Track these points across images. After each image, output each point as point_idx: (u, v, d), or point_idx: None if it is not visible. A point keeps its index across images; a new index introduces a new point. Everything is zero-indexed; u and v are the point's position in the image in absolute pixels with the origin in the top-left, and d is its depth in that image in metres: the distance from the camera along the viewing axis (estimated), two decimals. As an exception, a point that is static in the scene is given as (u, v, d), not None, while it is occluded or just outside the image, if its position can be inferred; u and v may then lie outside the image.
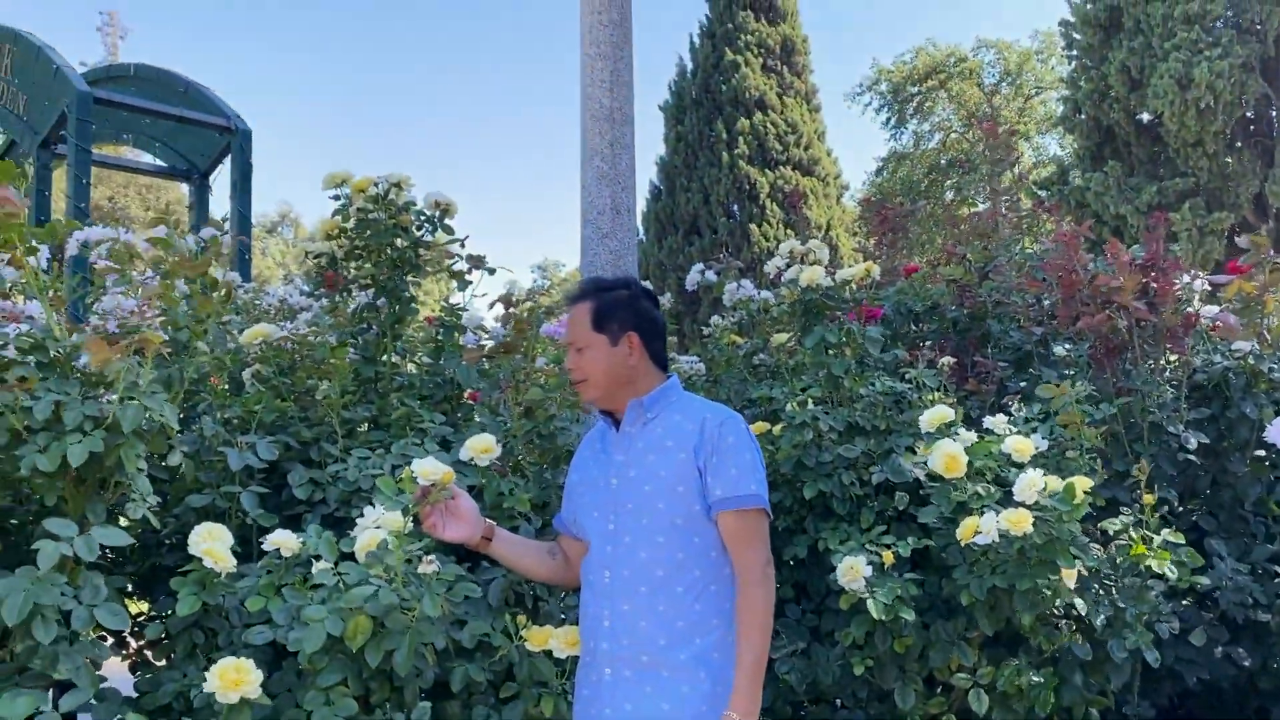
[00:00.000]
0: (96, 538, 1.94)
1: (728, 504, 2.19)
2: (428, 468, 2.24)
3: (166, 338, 2.51)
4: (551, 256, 51.53)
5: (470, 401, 3.31)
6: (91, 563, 1.93)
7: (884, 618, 2.73)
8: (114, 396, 2.06)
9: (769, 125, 16.91)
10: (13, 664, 1.94)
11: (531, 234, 68.49)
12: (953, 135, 27.95)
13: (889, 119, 28.41)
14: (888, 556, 2.84)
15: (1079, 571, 2.82)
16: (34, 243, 2.22)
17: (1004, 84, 28.10)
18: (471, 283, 3.35)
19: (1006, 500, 2.81)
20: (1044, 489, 2.73)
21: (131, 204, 27.37)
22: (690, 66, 17.96)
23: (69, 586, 1.92)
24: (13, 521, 2.27)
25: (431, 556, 2.20)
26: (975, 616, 2.85)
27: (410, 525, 2.23)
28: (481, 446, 2.66)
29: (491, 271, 3.39)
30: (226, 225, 2.99)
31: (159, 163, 8.85)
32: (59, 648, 1.89)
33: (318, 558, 2.27)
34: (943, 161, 27.27)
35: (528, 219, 69.34)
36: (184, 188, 9.29)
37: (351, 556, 2.27)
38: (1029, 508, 2.69)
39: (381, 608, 2.12)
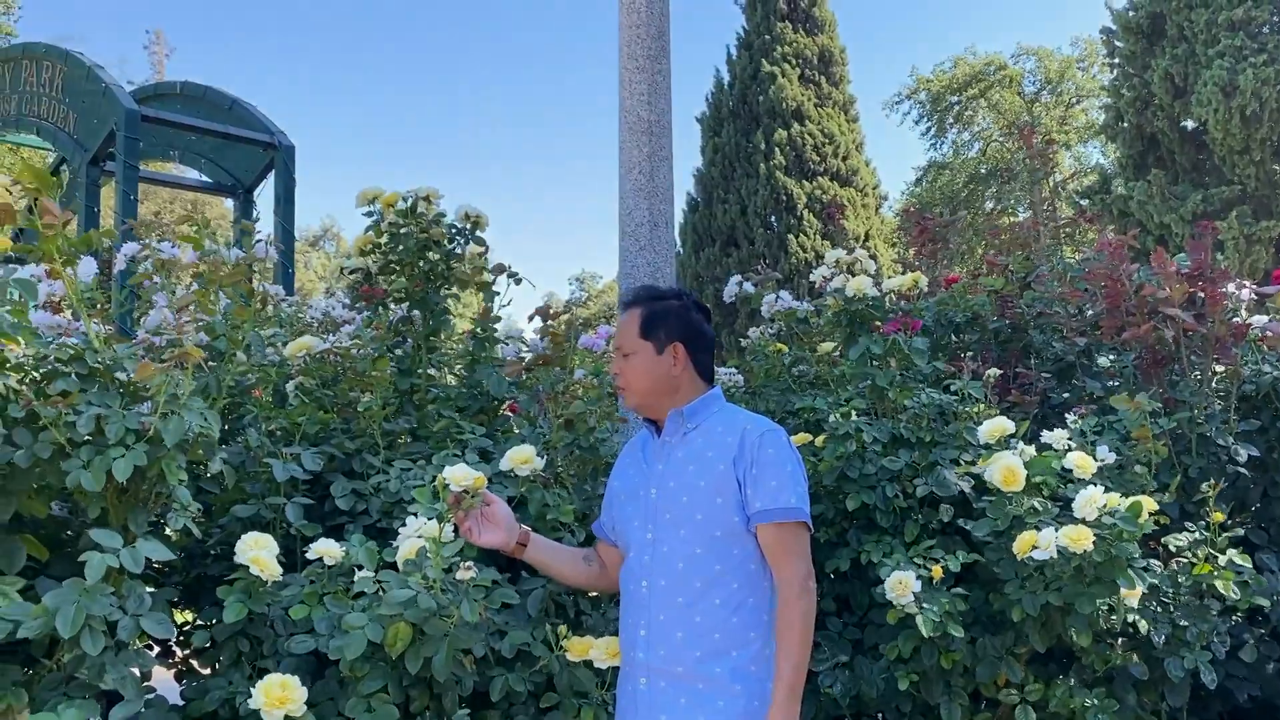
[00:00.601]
0: (142, 550, 1.96)
1: (767, 516, 2.17)
2: (459, 474, 2.25)
3: (205, 343, 2.54)
4: (589, 269, 51.72)
5: (509, 413, 3.33)
6: (136, 573, 1.95)
7: (933, 634, 2.69)
8: (155, 408, 2.08)
9: (806, 136, 16.87)
10: (60, 673, 1.96)
11: (570, 246, 68.79)
12: (993, 144, 27.73)
13: (928, 128, 28.26)
14: (936, 571, 2.80)
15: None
16: (71, 253, 2.25)
17: (1045, 92, 27.85)
18: (499, 293, 3.37)
19: (1064, 516, 2.76)
20: (1104, 505, 2.68)
21: (178, 218, 27.82)
22: (727, 78, 17.97)
23: (115, 597, 1.95)
24: (68, 532, 2.30)
25: (469, 563, 2.21)
26: (1025, 632, 2.81)
27: (451, 534, 2.24)
28: (521, 457, 2.66)
29: (518, 281, 3.41)
30: (260, 231, 3.01)
31: (204, 178, 9.00)
32: (105, 658, 1.91)
33: (360, 567, 2.29)
34: (983, 171, 27.06)
35: (566, 231, 69.67)
36: (228, 203, 9.43)
37: (394, 566, 2.28)
38: (1088, 524, 2.65)
39: (420, 613, 2.14)
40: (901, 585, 2.71)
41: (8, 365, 2.01)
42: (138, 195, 6.75)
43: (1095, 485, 2.74)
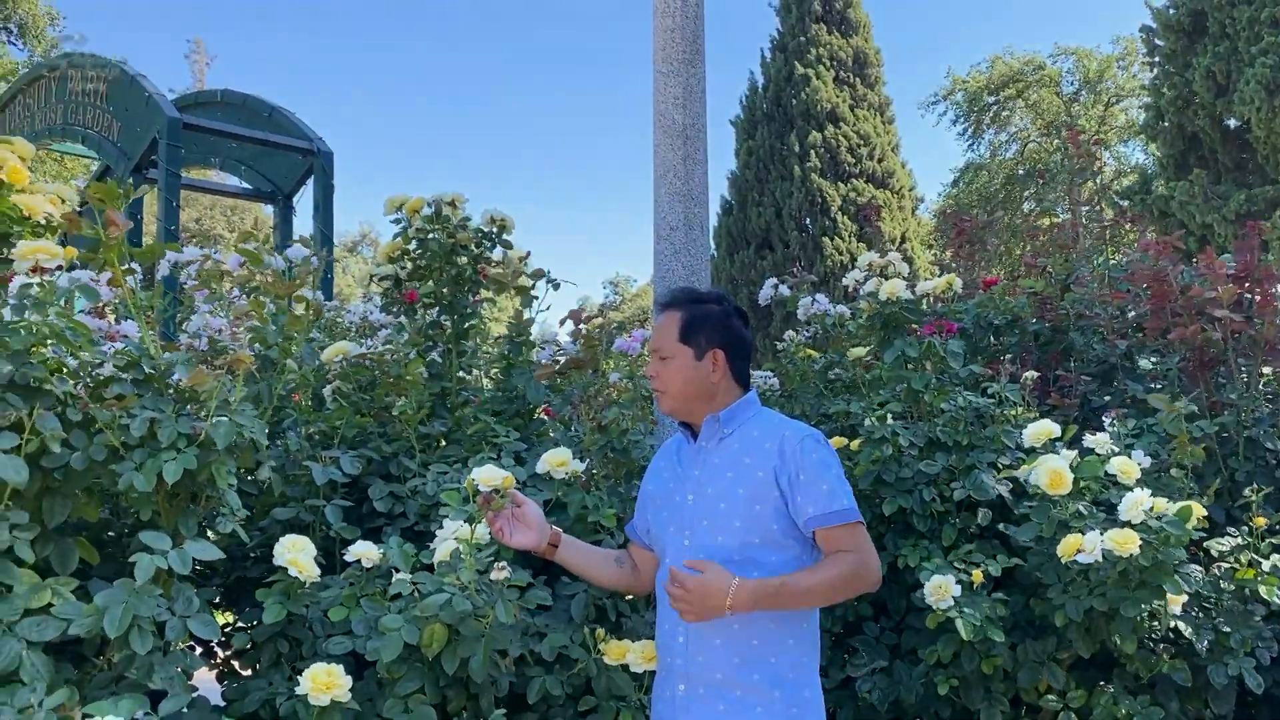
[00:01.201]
0: (190, 552, 1.99)
1: (825, 521, 2.15)
2: (487, 474, 2.26)
3: (256, 354, 2.58)
4: (623, 272, 51.75)
5: (543, 417, 3.34)
6: (184, 575, 1.99)
7: (973, 638, 2.67)
8: (205, 413, 2.12)
9: (841, 138, 16.80)
10: (110, 673, 2.00)
11: (604, 249, 68.91)
12: (1030, 145, 27.46)
13: (965, 129, 28.02)
14: (977, 576, 2.78)
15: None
16: (132, 263, 2.30)
17: (1083, 92, 27.53)
18: (537, 298, 3.39)
19: (1111, 521, 2.73)
20: (1150, 509, 2.65)
21: (218, 224, 28.24)
22: (761, 81, 17.95)
23: (163, 598, 1.98)
24: (109, 533, 2.34)
25: (503, 563, 2.22)
26: (1067, 637, 2.78)
27: (486, 536, 2.26)
28: (558, 460, 2.68)
29: (556, 286, 3.42)
30: (310, 240, 3.08)
31: (245, 185, 9.11)
32: (154, 658, 1.94)
33: (397, 569, 2.31)
34: (1020, 172, 26.80)
35: (600, 234, 69.80)
36: (268, 209, 9.54)
37: (431, 568, 2.30)
38: (1134, 528, 2.61)
39: (456, 615, 2.15)
40: (941, 589, 2.70)
41: (66, 370, 2.06)
42: (179, 202, 6.86)
43: (1142, 489, 2.70)
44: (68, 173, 17.71)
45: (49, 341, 2.00)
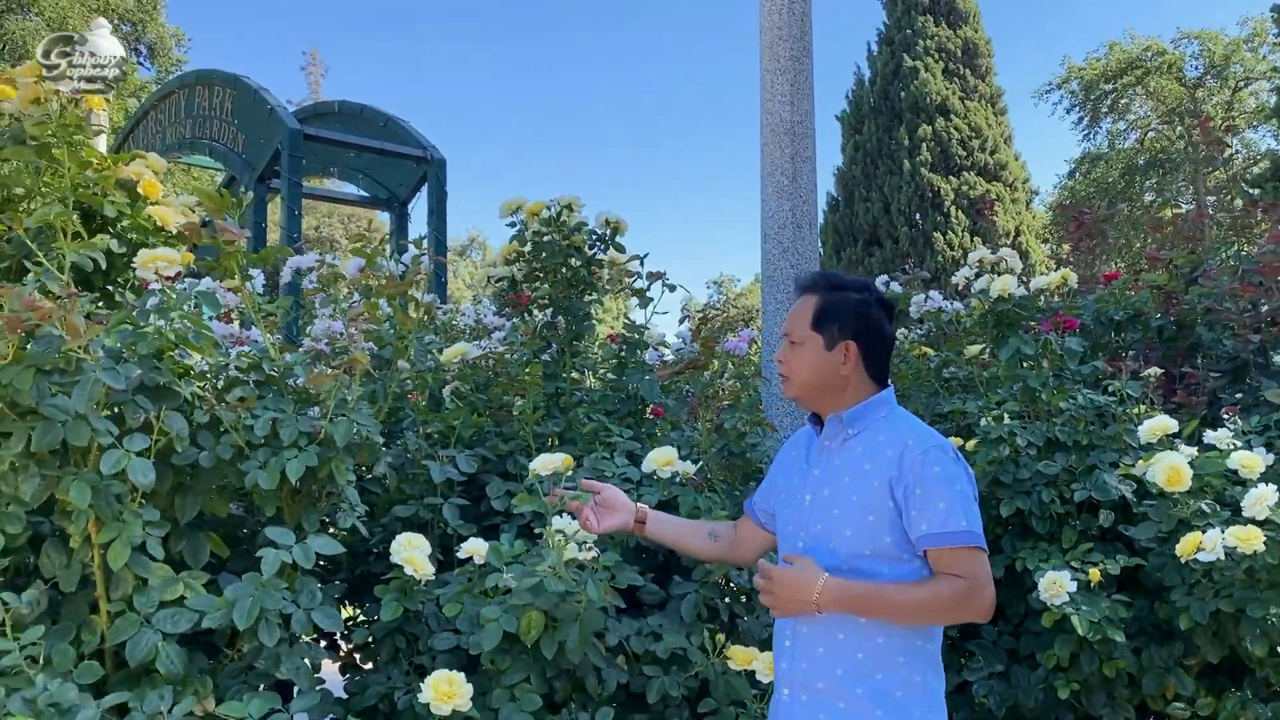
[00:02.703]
0: (312, 547, 2.06)
1: (936, 541, 2.00)
2: (545, 461, 2.30)
3: (372, 353, 2.65)
4: (727, 272, 51.63)
5: (653, 417, 3.36)
6: (308, 569, 2.06)
7: (1090, 636, 2.58)
8: (324, 413, 2.19)
9: (952, 131, 16.46)
10: (240, 663, 2.09)
11: (707, 249, 68.87)
12: (1150, 134, 26.40)
13: (1081, 118, 27.11)
14: (1094, 575, 2.69)
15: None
16: (250, 269, 2.39)
17: (1208, 76, 26.33)
18: (653, 299, 3.40)
19: (1234, 520, 2.61)
20: (1276, 504, 2.52)
21: (335, 231, 29.19)
22: (868, 75, 17.71)
23: (289, 591, 2.06)
24: (243, 531, 2.44)
25: (589, 543, 2.25)
26: (1194, 642, 2.67)
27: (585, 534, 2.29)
28: (663, 459, 2.68)
29: (672, 289, 3.44)
30: (424, 244, 3.15)
31: (362, 193, 9.39)
32: (280, 649, 2.02)
33: (509, 563, 2.36)
34: (1140, 161, 25.78)
35: (703, 233, 69.79)
36: (383, 215, 9.83)
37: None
38: (1259, 524, 2.49)
39: (549, 599, 2.19)
40: (1056, 585, 2.62)
41: (192, 373, 2.16)
42: (301, 210, 7.11)
43: (1269, 485, 2.57)
44: (197, 184, 18.52)
45: (175, 346, 2.10)
